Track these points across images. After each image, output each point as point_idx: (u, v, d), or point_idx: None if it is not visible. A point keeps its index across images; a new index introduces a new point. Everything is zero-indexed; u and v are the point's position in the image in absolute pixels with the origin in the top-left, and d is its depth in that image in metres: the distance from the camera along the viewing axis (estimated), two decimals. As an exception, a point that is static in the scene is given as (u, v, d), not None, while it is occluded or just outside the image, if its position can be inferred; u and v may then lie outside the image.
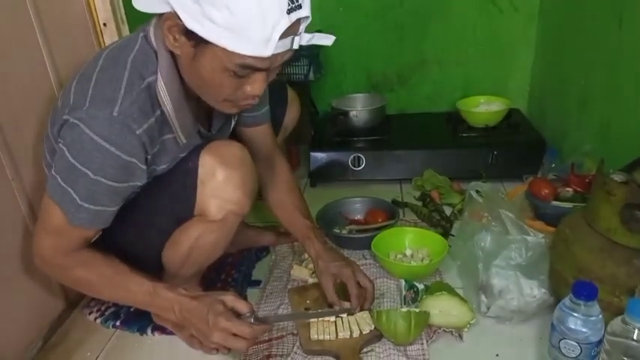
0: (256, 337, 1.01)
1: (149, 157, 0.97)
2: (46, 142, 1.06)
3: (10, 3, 1.12)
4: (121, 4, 1.43)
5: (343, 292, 1.19)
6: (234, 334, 0.97)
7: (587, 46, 1.67)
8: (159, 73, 0.94)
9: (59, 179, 0.92)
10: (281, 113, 1.42)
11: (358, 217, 1.66)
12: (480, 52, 2.20)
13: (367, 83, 2.31)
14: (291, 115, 1.46)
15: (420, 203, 1.75)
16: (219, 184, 1.03)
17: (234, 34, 0.81)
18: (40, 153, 1.19)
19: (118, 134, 0.89)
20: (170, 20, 0.86)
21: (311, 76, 1.99)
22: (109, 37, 1.42)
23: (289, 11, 0.82)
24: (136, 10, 0.94)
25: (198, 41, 0.85)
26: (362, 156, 1.87)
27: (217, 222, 1.06)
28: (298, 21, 0.85)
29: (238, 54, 0.83)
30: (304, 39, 0.88)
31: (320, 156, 1.92)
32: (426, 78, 2.28)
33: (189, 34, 0.85)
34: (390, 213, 1.60)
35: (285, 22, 0.82)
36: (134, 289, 1.02)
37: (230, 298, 1.02)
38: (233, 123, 1.20)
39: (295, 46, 0.87)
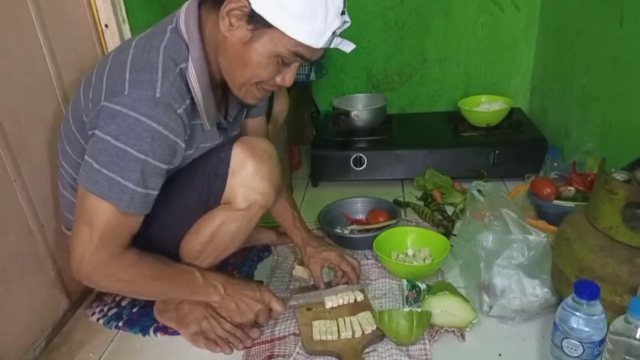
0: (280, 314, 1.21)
1: (186, 138, 1.00)
2: (65, 135, 1.08)
3: (11, 3, 1.12)
4: (122, 4, 1.42)
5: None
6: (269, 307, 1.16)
7: (589, 45, 1.67)
8: (190, 60, 0.97)
9: (105, 171, 0.91)
10: (269, 104, 1.44)
11: (360, 217, 1.66)
12: (481, 51, 2.20)
13: (368, 83, 2.31)
14: (279, 105, 1.48)
15: (421, 203, 1.75)
16: (248, 175, 1.08)
17: (299, 22, 0.90)
18: (43, 152, 1.20)
19: (163, 114, 0.92)
20: (235, 3, 0.91)
21: (312, 76, 1.99)
22: (111, 37, 1.42)
23: (342, 13, 0.94)
24: (136, 11, 0.95)
25: (258, 25, 0.91)
26: (363, 156, 1.87)
27: (241, 210, 1.11)
28: (342, 24, 0.95)
29: (295, 41, 0.92)
30: (337, 41, 0.97)
31: (321, 156, 1.92)
32: (427, 77, 2.28)
33: (252, 18, 0.91)
34: (392, 213, 1.60)
35: (339, 21, 0.93)
36: (186, 278, 1.10)
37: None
38: (244, 114, 1.24)
39: (332, 46, 0.97)
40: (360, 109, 1.97)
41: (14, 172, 1.12)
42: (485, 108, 2.00)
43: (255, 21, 0.91)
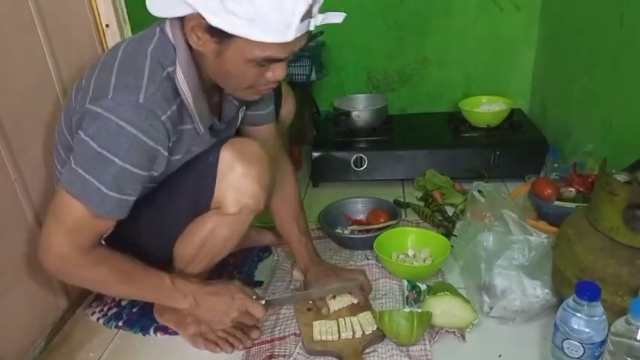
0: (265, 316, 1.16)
1: (170, 144, 0.99)
2: (58, 136, 1.07)
3: (12, 3, 1.12)
4: (123, 4, 1.43)
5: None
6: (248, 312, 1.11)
7: (589, 45, 1.67)
8: (177, 64, 0.97)
9: (81, 171, 0.91)
10: (276, 107, 1.43)
11: (360, 217, 1.66)
12: (481, 52, 2.20)
13: (368, 83, 2.31)
14: (286, 108, 1.47)
15: (422, 203, 1.75)
16: (237, 178, 1.06)
17: (255, 25, 0.85)
18: (43, 153, 1.20)
19: (144, 120, 0.91)
20: (193, 20, 0.89)
21: (313, 76, 1.99)
22: (112, 37, 1.42)
23: None
24: (137, 10, 0.95)
25: (221, 37, 0.89)
26: (364, 156, 1.87)
27: (232, 215, 1.09)
28: (314, 3, 0.89)
29: (261, 45, 0.88)
30: (318, 20, 0.92)
31: (322, 156, 1.92)
32: (427, 77, 2.28)
33: (213, 32, 0.89)
34: (392, 213, 1.60)
35: (304, 5, 0.86)
36: (153, 283, 1.06)
37: (238, 283, 1.15)
38: (240, 117, 1.22)
39: (311, 28, 0.92)
40: (361, 109, 1.98)
41: (15, 171, 1.12)
42: (486, 109, 2.00)
43: (217, 34, 0.89)
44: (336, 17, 0.95)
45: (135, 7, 1.45)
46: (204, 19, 0.87)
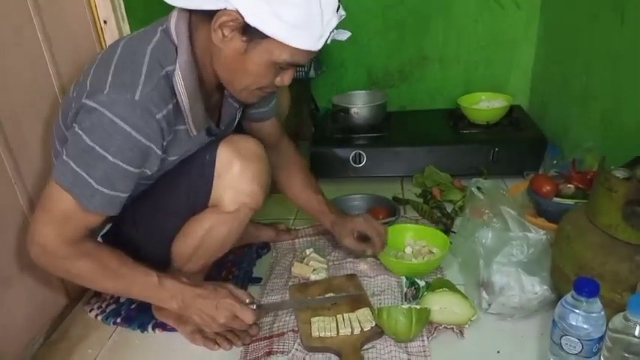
0: (256, 320, 1.12)
1: (165, 143, 0.98)
2: (56, 132, 1.07)
3: (9, 0, 1.12)
4: (121, 1, 1.42)
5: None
6: (237, 317, 1.07)
7: (589, 43, 1.67)
8: (177, 64, 0.96)
9: (72, 164, 0.91)
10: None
11: (359, 214, 1.66)
12: (481, 49, 2.19)
13: (368, 80, 2.31)
14: (280, 100, 1.46)
15: (421, 200, 1.74)
16: (235, 176, 1.07)
17: (297, 31, 0.89)
18: (41, 149, 1.20)
19: (139, 118, 0.90)
20: (226, 16, 0.89)
21: (312, 73, 1.99)
22: (110, 34, 1.41)
23: (337, 9, 0.92)
24: (136, 7, 0.95)
25: (253, 36, 0.90)
26: (363, 153, 1.87)
27: (230, 213, 1.09)
28: (339, 19, 0.94)
29: (291, 50, 0.91)
30: (332, 36, 0.95)
31: (320, 153, 1.92)
32: (426, 75, 2.27)
33: (246, 31, 0.90)
34: (391, 210, 1.60)
35: (336, 19, 0.92)
36: (140, 281, 1.04)
37: (230, 286, 1.12)
38: (236, 120, 1.22)
39: (329, 41, 0.95)
40: (360, 106, 1.97)
41: (12, 169, 1.12)
42: (485, 105, 2.00)
43: (250, 32, 0.90)
44: (343, 35, 0.98)
45: (133, 4, 1.45)
46: (240, 16, 0.87)
